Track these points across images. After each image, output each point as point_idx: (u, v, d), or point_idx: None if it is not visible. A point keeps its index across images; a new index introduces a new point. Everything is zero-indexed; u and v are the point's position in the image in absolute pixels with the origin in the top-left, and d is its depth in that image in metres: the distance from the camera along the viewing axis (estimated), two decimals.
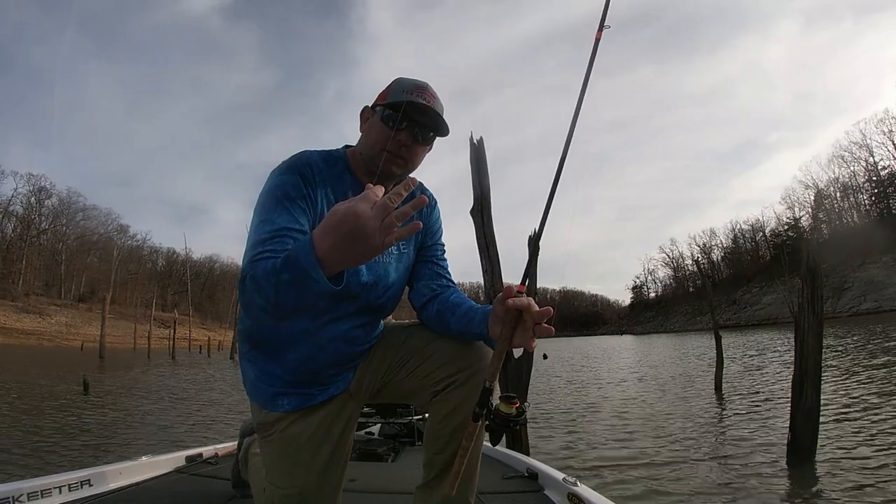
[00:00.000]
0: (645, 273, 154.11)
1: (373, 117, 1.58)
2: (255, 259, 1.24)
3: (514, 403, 1.33)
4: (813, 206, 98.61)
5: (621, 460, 5.76)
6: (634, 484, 4.93)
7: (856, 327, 33.81)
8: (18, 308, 71.89)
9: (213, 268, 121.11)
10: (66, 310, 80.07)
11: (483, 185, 6.50)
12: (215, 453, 3.15)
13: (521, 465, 2.93)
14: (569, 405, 10.18)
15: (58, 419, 8.84)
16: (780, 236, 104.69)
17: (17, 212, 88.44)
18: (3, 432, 7.41)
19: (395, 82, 1.58)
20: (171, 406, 11.02)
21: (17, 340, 55.93)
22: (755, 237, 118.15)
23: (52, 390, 13.31)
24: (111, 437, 7.45)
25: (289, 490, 1.58)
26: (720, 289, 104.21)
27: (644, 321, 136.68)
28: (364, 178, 1.60)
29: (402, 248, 1.68)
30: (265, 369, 1.59)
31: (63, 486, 2.27)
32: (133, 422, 8.99)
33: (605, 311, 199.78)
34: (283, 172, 1.48)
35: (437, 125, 1.55)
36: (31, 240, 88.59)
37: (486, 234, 6.39)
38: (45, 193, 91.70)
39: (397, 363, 1.62)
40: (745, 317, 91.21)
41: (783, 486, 4.68)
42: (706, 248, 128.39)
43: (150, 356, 38.03)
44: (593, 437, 7.05)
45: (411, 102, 1.50)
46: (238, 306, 1.56)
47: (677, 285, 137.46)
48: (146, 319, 64.43)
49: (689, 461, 5.63)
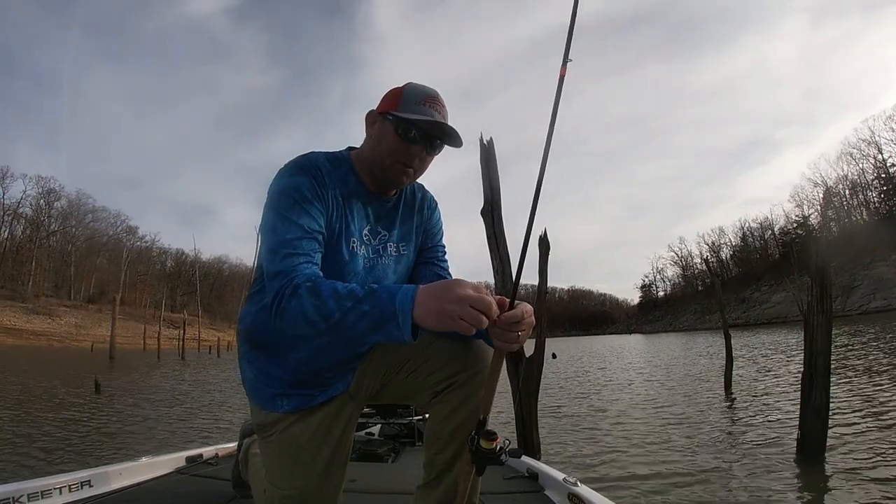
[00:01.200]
0: (654, 272, 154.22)
1: (382, 125, 1.54)
2: (297, 265, 1.34)
3: (494, 440, 1.35)
4: (822, 203, 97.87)
5: (629, 459, 5.75)
6: (643, 481, 4.92)
7: (871, 325, 33.61)
8: (28, 309, 72.42)
9: (221, 269, 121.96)
10: (76, 311, 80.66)
11: (493, 185, 6.52)
12: (216, 454, 3.18)
13: (521, 465, 2.92)
14: (577, 404, 10.17)
15: (71, 419, 8.91)
16: (789, 234, 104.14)
17: (26, 214, 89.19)
18: (22, 432, 7.48)
19: (405, 91, 1.53)
20: (183, 405, 11.14)
21: (28, 341, 56.36)
22: (764, 235, 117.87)
23: (64, 391, 13.40)
24: (124, 437, 7.49)
25: (289, 491, 1.58)
26: (729, 287, 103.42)
27: (653, 320, 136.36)
28: (367, 181, 1.60)
29: (401, 249, 1.68)
30: (265, 370, 1.60)
31: (63, 487, 2.28)
32: (146, 421, 9.04)
33: (614, 310, 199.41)
34: (295, 173, 1.48)
35: (453, 141, 1.54)
36: (40, 241, 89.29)
37: (496, 235, 6.41)
38: (54, 195, 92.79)
39: (396, 364, 1.62)
40: (755, 315, 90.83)
41: (792, 483, 4.66)
42: (715, 246, 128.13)
43: (160, 357, 38.27)
44: (602, 435, 7.03)
45: (429, 121, 1.48)
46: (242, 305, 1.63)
47: (686, 284, 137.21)
48: (155, 320, 65.03)
49: (698, 458, 5.61)
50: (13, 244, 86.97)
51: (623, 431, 7.31)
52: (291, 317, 1.28)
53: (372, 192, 1.61)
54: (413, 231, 1.72)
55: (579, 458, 5.94)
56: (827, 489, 4.44)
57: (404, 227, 1.70)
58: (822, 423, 5.14)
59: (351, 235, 1.55)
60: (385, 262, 1.63)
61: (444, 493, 1.56)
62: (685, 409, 9.01)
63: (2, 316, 53.98)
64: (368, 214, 1.61)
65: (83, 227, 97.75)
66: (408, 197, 1.72)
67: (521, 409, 6.05)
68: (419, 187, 1.77)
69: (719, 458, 5.61)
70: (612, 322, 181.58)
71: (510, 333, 1.27)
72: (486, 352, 1.53)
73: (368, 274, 1.58)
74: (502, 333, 1.27)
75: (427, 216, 1.77)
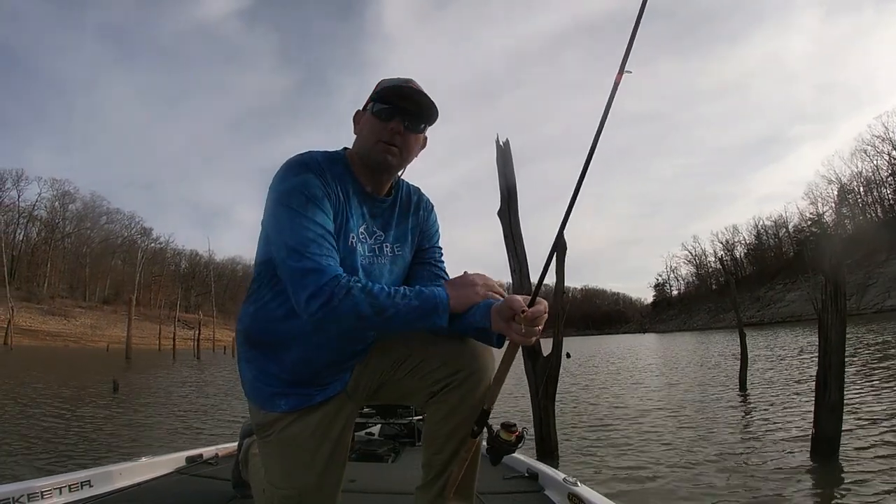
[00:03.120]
0: (667, 270, 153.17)
1: (363, 116, 1.63)
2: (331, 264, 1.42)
3: (514, 432, 1.50)
4: (836, 201, 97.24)
5: (644, 455, 5.76)
6: (660, 479, 4.93)
7: (886, 323, 33.32)
8: (44, 310, 73.36)
9: (235, 269, 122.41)
10: (91, 312, 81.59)
11: (510, 186, 6.55)
12: (216, 454, 3.17)
13: (521, 465, 2.92)
14: (592, 403, 10.17)
15: (91, 417, 9.05)
16: (803, 232, 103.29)
17: (41, 216, 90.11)
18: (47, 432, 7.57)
19: (381, 81, 1.62)
20: (203, 402, 11.30)
21: (44, 342, 57.00)
22: (778, 233, 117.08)
23: (83, 391, 13.57)
24: (143, 435, 7.60)
25: (288, 490, 1.59)
26: (744, 286, 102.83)
27: (667, 319, 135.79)
28: (363, 177, 1.63)
29: (396, 250, 1.71)
30: (263, 369, 1.61)
31: (63, 487, 2.28)
32: (167, 419, 9.19)
33: (627, 309, 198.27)
34: (302, 171, 1.50)
35: (425, 107, 1.58)
36: (55, 243, 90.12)
37: (513, 234, 6.45)
38: (69, 198, 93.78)
39: (394, 364, 1.62)
40: (769, 314, 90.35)
41: (806, 479, 4.67)
42: (729, 244, 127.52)
43: (175, 357, 38.58)
44: (616, 433, 7.03)
45: (397, 87, 1.55)
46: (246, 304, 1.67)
47: (700, 283, 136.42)
48: (170, 321, 65.34)
49: (711, 455, 5.62)
50: (28, 246, 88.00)
51: (637, 431, 7.30)
52: (344, 314, 1.37)
53: (368, 192, 1.64)
54: (409, 232, 1.75)
55: (595, 457, 5.94)
56: (840, 487, 4.42)
57: (400, 229, 1.73)
58: (836, 421, 5.12)
59: (349, 232, 1.57)
60: (381, 262, 1.66)
61: (442, 492, 1.58)
62: (698, 407, 9.02)
63: (18, 317, 54.54)
64: (364, 214, 1.64)
65: (98, 228, 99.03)
66: (403, 199, 1.75)
67: (539, 408, 6.08)
68: (415, 190, 1.80)
69: (731, 456, 5.61)
70: (626, 321, 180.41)
71: (532, 328, 1.37)
72: (484, 352, 1.57)
73: (363, 274, 1.59)
74: (525, 329, 1.36)
75: (423, 218, 1.79)
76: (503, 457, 1.54)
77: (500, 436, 1.49)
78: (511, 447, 1.51)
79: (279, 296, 1.54)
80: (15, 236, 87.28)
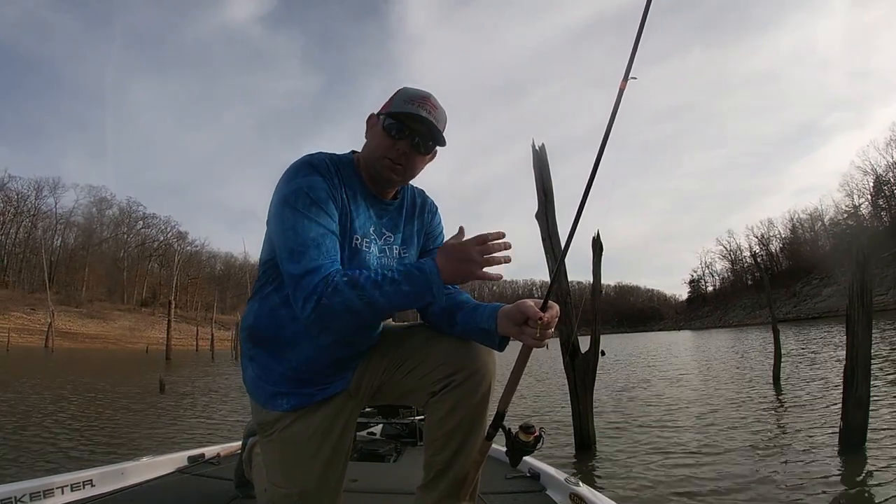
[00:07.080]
0: (702, 266, 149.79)
1: (376, 124, 1.62)
2: (325, 264, 1.43)
3: (532, 433, 1.57)
4: (872, 192, 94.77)
5: (677, 451, 5.89)
6: (692, 468, 5.09)
7: None
8: (82, 314, 74.77)
9: None
10: (129, 314, 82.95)
11: (547, 189, 6.61)
12: (217, 453, 3.17)
13: (523, 465, 2.82)
14: (626, 401, 10.27)
15: (141, 415, 9.54)
16: (839, 225, 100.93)
17: (78, 222, 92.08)
18: (104, 427, 7.96)
19: (398, 92, 1.61)
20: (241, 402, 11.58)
21: (83, 345, 58.13)
22: (814, 226, 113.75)
23: (129, 391, 14.00)
24: (187, 431, 7.88)
25: (289, 489, 1.60)
26: (779, 281, 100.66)
27: (702, 316, 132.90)
28: (370, 183, 1.65)
29: (402, 251, 1.73)
30: (266, 368, 1.62)
31: (65, 487, 2.31)
32: (214, 415, 9.58)
33: (662, 306, 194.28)
34: (309, 172, 1.52)
35: (436, 132, 1.59)
36: (92, 248, 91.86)
37: (550, 237, 6.50)
38: (105, 204, 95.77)
39: (395, 363, 1.65)
40: (805, 309, 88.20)
41: (834, 472, 4.77)
42: (764, 239, 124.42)
43: (214, 357, 39.21)
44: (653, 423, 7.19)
45: (411, 114, 1.54)
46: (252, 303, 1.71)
47: (735, 278, 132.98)
48: (206, 322, 66.18)
49: (738, 446, 5.80)
50: (66, 252, 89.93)
51: (671, 419, 7.49)
52: (336, 311, 1.38)
53: (374, 194, 1.66)
54: (414, 235, 1.77)
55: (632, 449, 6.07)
56: (867, 479, 4.51)
57: (406, 232, 1.75)
58: (863, 414, 5.23)
59: (354, 233, 1.59)
60: (386, 264, 1.67)
61: (443, 492, 1.61)
62: (731, 401, 9.12)
63: (57, 320, 55.59)
64: (372, 216, 1.66)
65: (135, 233, 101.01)
66: (409, 202, 1.77)
67: (578, 403, 6.21)
68: (419, 192, 1.82)
69: (763, 447, 5.77)
70: (661, 318, 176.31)
71: (547, 332, 1.45)
72: (484, 353, 1.59)
73: None
74: (541, 332, 1.44)
75: (428, 220, 1.82)
76: (521, 458, 1.61)
77: (518, 437, 1.56)
78: (530, 448, 1.57)
79: (283, 296, 1.56)
80: (53, 242, 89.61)
